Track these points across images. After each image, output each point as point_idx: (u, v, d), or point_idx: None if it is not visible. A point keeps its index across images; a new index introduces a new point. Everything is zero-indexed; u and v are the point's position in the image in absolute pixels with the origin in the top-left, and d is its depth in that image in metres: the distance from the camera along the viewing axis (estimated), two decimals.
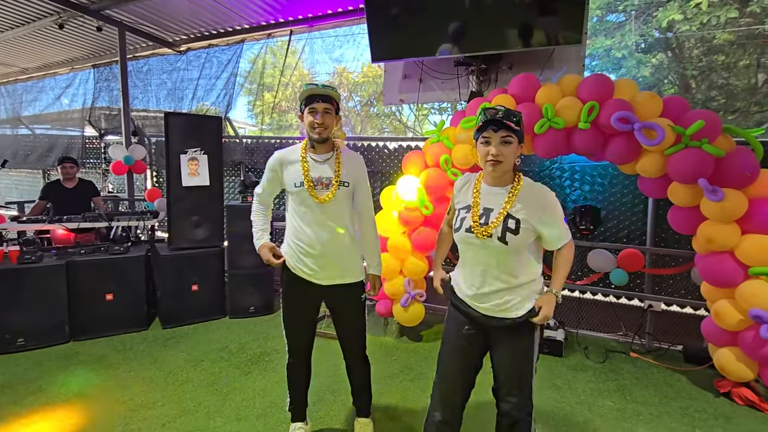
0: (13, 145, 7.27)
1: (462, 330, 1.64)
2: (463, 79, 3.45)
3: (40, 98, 6.98)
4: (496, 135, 1.44)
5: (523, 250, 1.49)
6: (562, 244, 1.56)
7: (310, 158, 1.84)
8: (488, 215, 1.50)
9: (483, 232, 1.48)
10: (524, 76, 2.91)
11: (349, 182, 1.86)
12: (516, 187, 1.50)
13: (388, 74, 3.82)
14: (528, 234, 1.47)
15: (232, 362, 2.95)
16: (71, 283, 3.19)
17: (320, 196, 1.81)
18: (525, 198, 1.48)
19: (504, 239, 1.45)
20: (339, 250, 1.87)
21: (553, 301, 1.52)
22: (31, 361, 2.91)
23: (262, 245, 1.94)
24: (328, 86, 1.78)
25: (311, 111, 1.76)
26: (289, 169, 1.86)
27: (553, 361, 3.05)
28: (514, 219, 1.46)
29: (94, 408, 2.37)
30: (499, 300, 1.52)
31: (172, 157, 3.52)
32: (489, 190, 1.55)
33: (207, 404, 2.42)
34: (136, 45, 5.87)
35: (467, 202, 1.58)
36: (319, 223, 1.83)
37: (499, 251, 1.48)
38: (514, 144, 1.47)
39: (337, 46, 4.73)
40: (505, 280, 1.51)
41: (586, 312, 3.68)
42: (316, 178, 1.82)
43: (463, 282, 1.62)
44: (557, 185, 3.90)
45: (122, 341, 3.25)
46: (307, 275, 1.87)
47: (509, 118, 1.43)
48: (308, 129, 1.79)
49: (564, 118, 2.69)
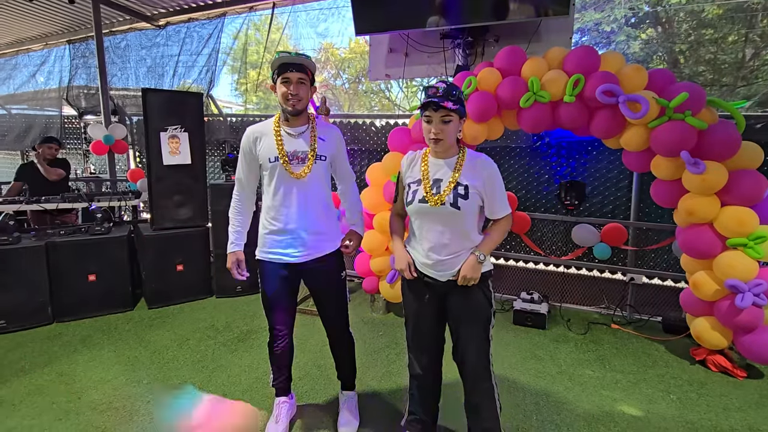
0: None
1: (423, 299, 1.69)
2: (450, 53, 3.38)
3: (13, 76, 6.71)
4: (436, 114, 1.50)
5: (473, 214, 1.56)
6: (502, 214, 1.60)
7: (284, 132, 1.76)
8: (439, 185, 1.56)
9: (436, 200, 1.54)
10: (511, 48, 2.86)
11: (326, 155, 1.80)
12: (461, 158, 1.58)
13: (373, 48, 3.73)
14: (476, 198, 1.54)
15: (219, 340, 2.96)
16: (52, 264, 3.14)
17: (296, 171, 1.74)
18: (470, 168, 1.56)
19: (456, 204, 1.52)
20: (315, 225, 1.82)
21: (474, 262, 1.55)
22: (13, 342, 2.89)
23: (231, 254, 1.88)
24: (302, 54, 1.68)
25: (284, 81, 1.67)
26: (262, 144, 1.77)
27: (535, 333, 3.11)
28: (463, 185, 1.53)
29: (78, 386, 2.36)
30: (453, 267, 1.58)
31: (152, 135, 3.43)
32: (436, 163, 1.61)
33: (193, 381, 2.43)
34: (112, 19, 5.63)
35: (417, 176, 1.63)
36: (295, 199, 1.77)
37: (452, 217, 1.54)
38: (454, 121, 1.52)
39: (322, 20, 4.62)
40: (460, 244, 1.57)
41: (569, 286, 3.74)
42: (291, 153, 1.74)
43: (420, 253, 1.65)
44: (544, 161, 3.90)
45: (107, 322, 3.23)
46: (283, 257, 1.81)
47: (448, 98, 1.47)
48: (281, 101, 1.70)
49: (550, 91, 2.66)
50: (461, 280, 1.56)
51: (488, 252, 1.59)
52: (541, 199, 3.90)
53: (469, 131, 2.94)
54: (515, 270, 3.99)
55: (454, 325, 1.67)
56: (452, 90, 1.49)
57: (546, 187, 3.92)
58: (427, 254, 1.61)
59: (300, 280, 1.93)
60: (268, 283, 1.89)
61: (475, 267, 1.55)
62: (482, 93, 2.83)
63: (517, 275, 3.99)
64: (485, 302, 1.62)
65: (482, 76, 2.85)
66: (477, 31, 3.22)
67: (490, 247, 1.59)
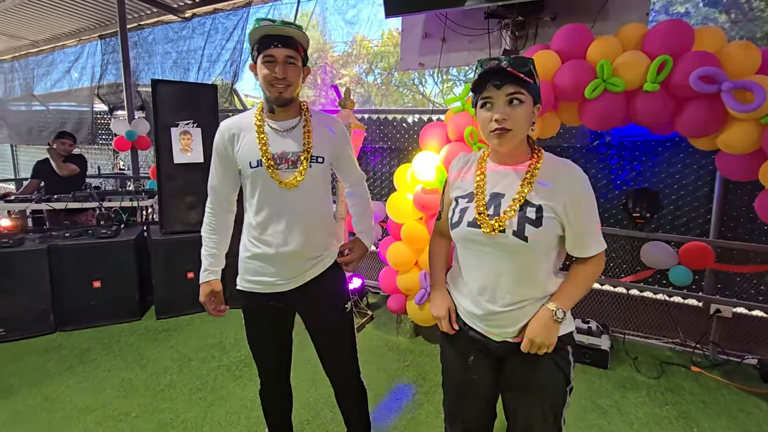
0: (27, 121, 7.16)
1: (467, 361, 1.21)
2: (495, 36, 2.88)
3: (50, 72, 6.78)
4: (499, 93, 1.03)
5: (548, 250, 1.08)
6: (591, 253, 1.10)
7: (268, 127, 1.35)
8: (498, 203, 1.09)
9: (493, 225, 1.06)
10: (573, 26, 2.33)
11: (324, 156, 1.39)
12: (535, 164, 1.08)
13: (405, 33, 3.28)
14: (554, 226, 1.05)
15: (223, 362, 2.62)
16: (54, 269, 2.92)
17: (285, 179, 1.33)
18: (549, 179, 1.06)
19: (522, 234, 1.04)
20: (312, 246, 1.41)
21: (548, 320, 1.07)
22: (10, 354, 2.68)
23: (205, 284, 1.44)
24: (290, 23, 1.25)
25: (267, 60, 1.25)
26: (241, 143, 1.35)
27: (595, 374, 2.57)
28: (534, 206, 1.04)
29: (59, 416, 2.08)
30: (515, 322, 1.11)
31: (162, 131, 3.15)
32: (497, 171, 1.13)
33: (186, 417, 2.10)
34: (140, 12, 5.51)
35: (468, 188, 1.16)
36: (285, 214, 1.35)
37: (516, 252, 1.06)
38: (528, 104, 1.04)
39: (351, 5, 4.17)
40: (524, 293, 1.09)
41: (633, 312, 3.14)
42: (279, 155, 1.33)
43: (466, 297, 1.18)
44: (602, 164, 3.32)
45: (110, 333, 2.98)
46: (269, 286, 1.40)
47: (518, 67, 1.01)
48: (264, 86, 1.29)
49: (625, 78, 2.11)
50: (526, 345, 1.08)
51: (569, 306, 1.10)
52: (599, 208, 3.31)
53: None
54: None
55: (511, 404, 1.19)
56: (523, 60, 1.04)
57: (603, 194, 3.34)
58: (476, 300, 1.14)
59: (294, 312, 1.52)
60: (252, 320, 1.49)
61: (549, 327, 1.06)
62: None
63: None
64: (560, 378, 1.12)
65: (537, 59, 2.33)
66: (530, 8, 2.70)
67: (573, 299, 1.10)
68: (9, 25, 6.01)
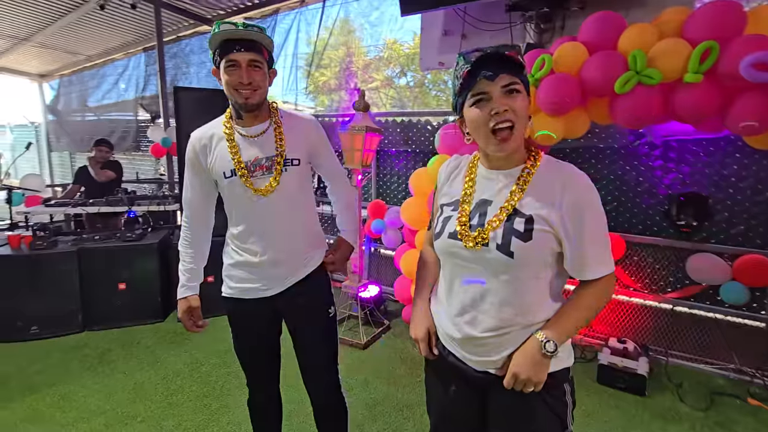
0: (82, 130, 7.70)
1: (449, 392, 1.06)
2: (519, 29, 2.69)
3: (101, 84, 7.25)
4: (494, 85, 0.87)
5: (540, 267, 0.92)
6: (591, 275, 0.92)
7: (238, 135, 1.30)
8: (485, 212, 0.94)
9: (475, 238, 0.91)
10: (603, 14, 2.11)
11: (299, 158, 1.33)
12: (531, 168, 0.93)
13: (425, 32, 3.15)
14: (547, 240, 0.89)
15: (233, 369, 2.59)
16: (84, 270, 3.05)
17: (260, 186, 1.28)
18: (543, 185, 0.91)
19: (507, 249, 0.88)
20: (296, 251, 1.37)
21: (535, 353, 0.89)
22: (40, 351, 2.80)
23: (182, 301, 1.37)
24: (252, 25, 1.20)
25: (230, 65, 1.20)
26: (214, 154, 1.31)
27: (630, 401, 2.29)
28: (524, 216, 0.89)
29: (71, 416, 2.13)
30: (497, 349, 0.95)
31: (183, 137, 3.21)
32: (488, 175, 0.98)
33: (188, 425, 2.08)
34: (178, 24, 5.75)
35: (455, 195, 1.03)
36: (265, 222, 1.32)
37: (500, 269, 0.91)
38: (524, 94, 0.90)
39: (374, 7, 4.09)
40: (510, 318, 0.93)
41: (680, 332, 2.80)
42: (252, 162, 1.28)
43: (446, 318, 1.03)
44: (644, 166, 3.01)
45: (132, 335, 3.06)
46: (253, 292, 1.36)
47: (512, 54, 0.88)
48: (229, 92, 1.24)
49: (662, 68, 1.87)
50: (509, 381, 0.91)
51: (563, 338, 0.91)
52: (640, 216, 3.01)
53: (541, 128, 2.24)
54: None
55: None
56: (513, 45, 0.91)
57: (647, 200, 3.02)
58: (456, 322, 0.99)
59: (279, 318, 1.46)
60: (238, 325, 1.44)
61: (537, 362, 0.89)
62: (560, 76, 2.12)
63: (602, 312, 3.12)
64: (553, 423, 0.95)
65: (561, 52, 2.14)
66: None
67: (567, 331, 0.91)
68: (67, 42, 6.49)
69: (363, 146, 2.78)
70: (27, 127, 9.29)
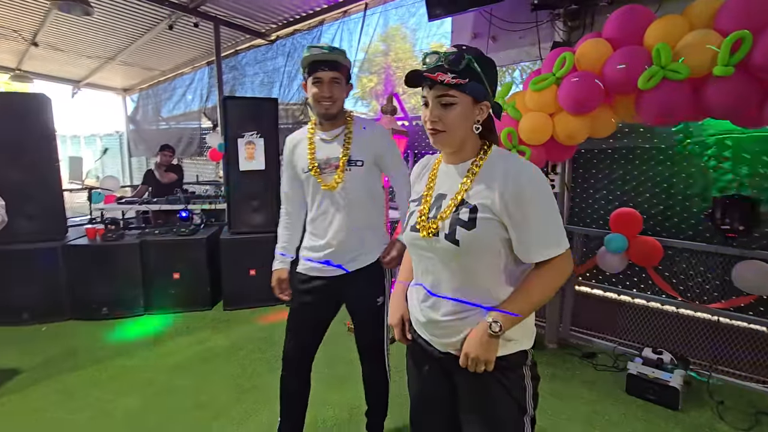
0: (156, 138, 8.56)
1: (423, 371, 1.14)
2: (547, 28, 2.65)
3: (172, 96, 8.03)
4: (431, 93, 0.97)
5: (487, 254, 0.97)
6: (545, 255, 0.95)
7: (317, 138, 1.59)
8: (440, 205, 1.03)
9: (427, 228, 1.01)
10: (628, 8, 2.04)
11: (363, 160, 1.57)
12: (479, 160, 1.00)
13: (455, 35, 3.20)
14: (491, 227, 0.95)
15: (267, 355, 2.81)
16: (145, 260, 3.44)
17: (327, 182, 1.55)
18: (490, 176, 0.97)
19: (453, 237, 0.96)
20: (355, 243, 1.60)
21: (482, 334, 0.95)
22: (108, 328, 3.22)
23: (275, 272, 1.71)
24: (336, 49, 1.45)
25: (316, 81, 1.46)
26: (297, 153, 1.63)
27: (662, 415, 2.16)
28: (469, 206, 0.96)
29: (125, 385, 2.44)
30: (457, 332, 1.01)
31: (231, 143, 3.52)
32: (446, 170, 1.08)
33: (219, 401, 2.30)
34: (236, 39, 6.24)
35: (420, 191, 1.12)
36: (331, 212, 1.58)
37: (450, 256, 0.98)
38: (463, 104, 0.96)
39: (411, 14, 4.19)
40: (470, 300, 0.99)
41: (725, 345, 2.57)
42: (324, 160, 1.57)
43: (415, 303, 1.11)
44: (695, 168, 2.80)
45: (183, 319, 3.40)
46: (317, 271, 1.62)
47: (443, 68, 0.93)
48: (313, 103, 1.52)
49: (689, 62, 1.78)
50: (463, 360, 0.98)
51: (513, 320, 0.95)
52: (686, 221, 2.81)
53: (563, 127, 2.20)
54: (638, 311, 2.95)
55: (464, 427, 1.07)
56: (461, 57, 0.93)
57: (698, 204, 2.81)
58: (420, 307, 1.08)
59: (336, 301, 1.70)
60: (299, 295, 1.68)
61: (484, 342, 0.94)
62: (581, 74, 2.08)
63: (640, 320, 2.93)
64: (510, 405, 0.99)
65: (583, 50, 2.10)
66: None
67: (521, 310, 0.95)
68: (144, 59, 7.29)
69: None
70: (113, 136, 10.50)
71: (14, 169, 3.22)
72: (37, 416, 2.16)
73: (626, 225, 2.63)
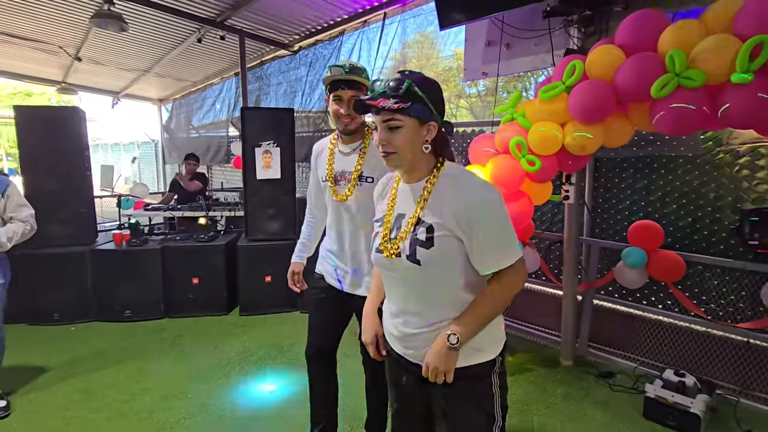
0: (188, 146, 8.91)
1: (401, 382, 1.18)
2: (561, 35, 2.57)
3: (202, 106, 8.36)
4: (378, 118, 1.01)
5: (451, 269, 1.01)
6: (491, 268, 1.00)
7: (337, 150, 1.67)
8: (400, 225, 1.07)
9: (391, 248, 1.04)
10: (641, 13, 1.95)
11: (374, 177, 1.58)
12: (432, 179, 1.03)
13: (469, 44, 3.16)
14: (449, 244, 0.99)
15: (277, 361, 2.86)
16: (166, 265, 3.58)
17: (340, 193, 1.62)
18: (441, 194, 1.01)
19: (414, 258, 1.00)
20: (360, 259, 1.63)
21: (441, 346, 0.99)
22: (129, 331, 3.36)
23: (292, 264, 1.84)
24: (356, 68, 1.53)
25: (336, 99, 1.54)
26: (319, 162, 1.72)
27: None
28: (425, 225, 1.00)
29: (140, 387, 2.54)
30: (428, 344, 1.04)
31: (249, 152, 3.62)
32: (404, 190, 1.10)
33: (224, 406, 2.35)
34: (262, 50, 6.43)
35: (383, 210, 1.15)
36: (343, 222, 1.65)
37: (413, 275, 1.02)
38: (409, 126, 0.99)
39: (429, 22, 4.19)
40: (435, 315, 1.04)
41: (756, 368, 2.38)
42: (339, 172, 1.64)
43: (388, 319, 1.16)
44: (726, 178, 2.64)
45: (200, 323, 3.51)
46: (330, 279, 1.71)
47: (386, 94, 0.97)
48: (333, 119, 1.59)
49: (705, 68, 1.68)
50: (424, 370, 1.03)
51: (469, 332, 0.98)
52: (716, 234, 2.64)
53: (574, 137, 2.13)
54: (661, 329, 2.78)
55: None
56: (401, 82, 0.97)
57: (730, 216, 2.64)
58: (393, 323, 1.13)
59: (345, 311, 1.74)
60: (316, 296, 1.76)
61: (442, 354, 0.98)
62: (590, 83, 2.01)
63: (663, 338, 2.76)
64: (480, 416, 1.03)
65: (593, 57, 2.03)
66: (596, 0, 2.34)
67: (476, 323, 0.99)
68: (176, 71, 7.64)
69: None
70: (149, 144, 11.03)
71: (50, 177, 3.43)
72: (60, 414, 2.27)
73: (645, 238, 2.50)
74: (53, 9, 4.77)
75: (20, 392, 2.47)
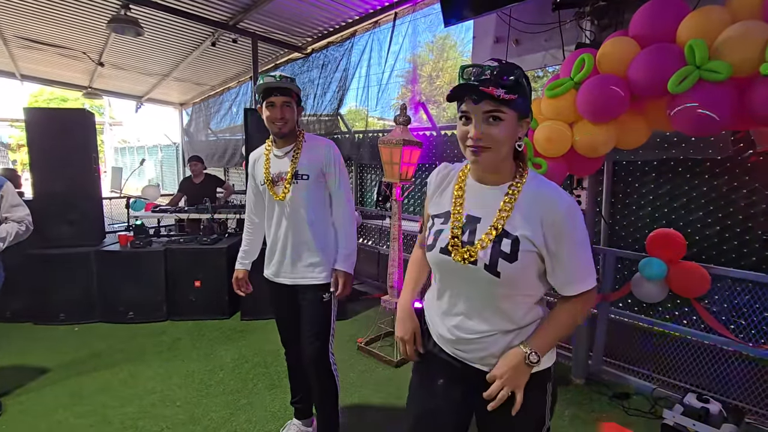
0: (207, 148, 9.06)
1: (435, 384, 1.11)
2: (572, 28, 2.40)
3: (220, 110, 8.46)
4: (477, 108, 0.92)
5: (526, 284, 0.99)
6: (574, 291, 0.99)
7: (272, 154, 1.79)
8: (474, 229, 1.00)
9: (464, 254, 0.98)
10: (659, 0, 1.76)
11: (308, 174, 1.73)
12: (517, 185, 0.98)
13: (477, 41, 3.01)
14: (531, 260, 0.96)
15: (270, 370, 2.76)
16: (168, 268, 3.55)
17: (277, 193, 1.74)
18: (529, 204, 0.96)
19: (494, 269, 0.95)
20: (299, 251, 1.77)
21: (518, 361, 0.96)
22: (130, 332, 3.34)
23: (236, 271, 1.98)
24: (286, 77, 1.66)
25: (269, 105, 1.66)
26: (256, 167, 1.84)
27: None
28: (511, 237, 0.95)
29: (130, 392, 2.49)
30: (483, 351, 1.03)
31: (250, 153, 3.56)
32: (478, 189, 1.04)
33: (213, 416, 2.26)
34: (276, 53, 6.45)
35: (446, 206, 1.07)
36: (280, 221, 1.77)
37: (487, 286, 0.98)
38: (509, 120, 0.93)
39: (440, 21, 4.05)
40: (498, 325, 1.02)
41: None
42: (276, 174, 1.75)
43: (438, 319, 1.11)
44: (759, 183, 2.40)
45: (200, 327, 3.46)
46: (271, 276, 1.86)
47: (494, 82, 0.89)
48: (268, 124, 1.69)
49: (730, 59, 1.49)
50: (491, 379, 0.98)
51: (546, 350, 0.99)
52: (748, 245, 2.40)
53: (584, 138, 1.96)
54: (684, 347, 2.53)
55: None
56: (506, 72, 0.91)
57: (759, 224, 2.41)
58: (446, 325, 1.08)
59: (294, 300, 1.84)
60: (270, 297, 1.95)
61: (519, 371, 0.96)
62: (600, 78, 1.83)
63: (686, 357, 2.52)
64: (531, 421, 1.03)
65: (605, 50, 1.85)
66: None
67: (550, 344, 1.00)
68: (194, 75, 7.76)
69: (401, 160, 2.75)
70: (170, 147, 11.27)
71: (59, 178, 3.46)
72: (46, 418, 2.24)
73: (665, 248, 2.29)
74: (73, 14, 4.90)
75: (15, 393, 2.46)
